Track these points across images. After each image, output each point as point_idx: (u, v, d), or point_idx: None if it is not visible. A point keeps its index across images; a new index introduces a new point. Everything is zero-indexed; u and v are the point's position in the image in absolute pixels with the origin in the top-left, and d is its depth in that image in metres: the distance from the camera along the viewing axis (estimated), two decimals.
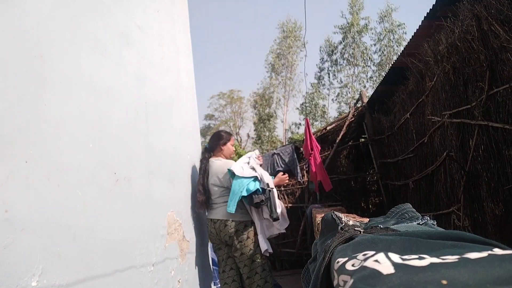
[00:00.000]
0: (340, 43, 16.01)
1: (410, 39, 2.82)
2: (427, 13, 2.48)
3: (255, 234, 2.08)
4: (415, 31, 2.70)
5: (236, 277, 2.09)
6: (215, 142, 2.26)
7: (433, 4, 2.39)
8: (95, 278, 0.98)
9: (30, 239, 0.78)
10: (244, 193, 1.94)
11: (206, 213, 2.17)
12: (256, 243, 2.06)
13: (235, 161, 2.20)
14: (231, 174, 2.02)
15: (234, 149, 2.35)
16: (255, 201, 1.97)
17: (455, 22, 2.09)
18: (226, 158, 2.26)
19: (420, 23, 2.59)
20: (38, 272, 0.78)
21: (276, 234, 2.22)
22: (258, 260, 2.04)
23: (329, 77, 16.56)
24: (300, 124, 16.76)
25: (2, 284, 0.69)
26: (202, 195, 2.06)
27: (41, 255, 0.80)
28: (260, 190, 2.00)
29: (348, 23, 15.50)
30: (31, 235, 0.78)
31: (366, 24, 15.59)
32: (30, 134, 0.83)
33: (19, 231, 0.75)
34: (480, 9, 1.81)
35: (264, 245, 2.05)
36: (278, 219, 2.08)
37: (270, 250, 2.09)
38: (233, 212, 1.94)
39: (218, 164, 2.15)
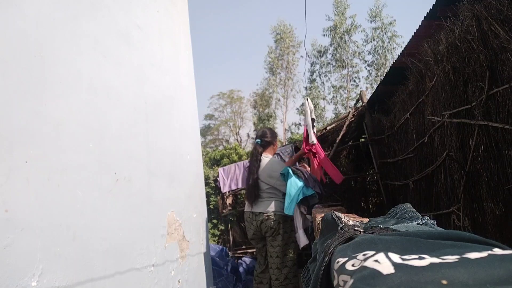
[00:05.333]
0: (331, 45, 16.11)
1: (410, 39, 2.82)
2: (427, 13, 2.48)
3: (292, 230, 2.24)
4: (415, 31, 2.70)
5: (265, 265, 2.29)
6: (271, 138, 2.43)
7: (433, 4, 2.39)
8: (95, 278, 0.98)
9: (30, 239, 0.78)
10: (301, 196, 2.14)
11: (249, 207, 2.35)
12: (291, 238, 2.22)
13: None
14: (283, 177, 2.23)
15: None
16: (311, 203, 2.20)
17: (455, 22, 2.09)
18: (274, 153, 2.49)
19: (420, 23, 2.59)
20: (38, 272, 0.78)
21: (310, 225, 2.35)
22: (291, 254, 2.20)
23: (320, 79, 16.67)
24: (299, 124, 16.78)
25: (2, 284, 0.69)
26: (252, 190, 2.28)
27: (41, 255, 0.80)
28: (316, 194, 2.23)
29: (333, 25, 15.58)
30: (31, 235, 0.78)
31: (353, 22, 15.62)
32: (30, 134, 0.83)
33: (19, 231, 0.75)
34: (480, 9, 1.81)
35: (305, 240, 2.18)
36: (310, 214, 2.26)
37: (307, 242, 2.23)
38: (292, 214, 2.15)
39: (268, 162, 2.34)
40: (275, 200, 2.28)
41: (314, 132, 2.96)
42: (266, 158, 2.38)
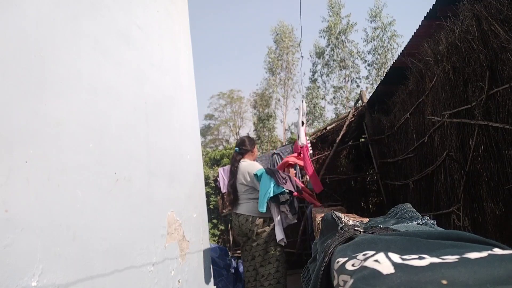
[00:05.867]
0: (328, 45, 16.15)
1: (410, 38, 2.82)
2: (427, 13, 2.48)
3: (272, 229, 2.37)
4: (415, 31, 2.70)
5: (255, 266, 2.41)
6: (249, 146, 2.61)
7: (433, 4, 2.39)
8: (95, 278, 0.98)
9: (30, 239, 0.78)
10: (271, 194, 2.30)
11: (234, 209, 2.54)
12: (271, 237, 2.35)
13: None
14: (257, 178, 2.39)
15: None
16: (281, 200, 2.33)
17: (455, 22, 2.09)
18: (254, 159, 2.65)
19: (420, 23, 2.59)
20: (38, 272, 0.78)
21: (293, 222, 2.51)
22: (272, 251, 2.33)
23: (322, 79, 16.73)
24: None
25: (2, 284, 0.69)
26: (231, 194, 2.49)
27: (41, 255, 0.80)
28: (286, 191, 2.36)
29: (328, 26, 15.62)
30: (31, 235, 0.78)
31: (348, 22, 15.64)
32: (30, 134, 0.83)
33: (19, 231, 0.75)
34: (480, 9, 1.81)
35: (280, 235, 2.33)
36: (296, 214, 2.46)
37: (285, 240, 2.38)
38: (264, 211, 2.30)
39: (245, 165, 2.51)
40: (253, 202, 2.43)
41: (305, 134, 3.06)
42: (244, 162, 2.54)
